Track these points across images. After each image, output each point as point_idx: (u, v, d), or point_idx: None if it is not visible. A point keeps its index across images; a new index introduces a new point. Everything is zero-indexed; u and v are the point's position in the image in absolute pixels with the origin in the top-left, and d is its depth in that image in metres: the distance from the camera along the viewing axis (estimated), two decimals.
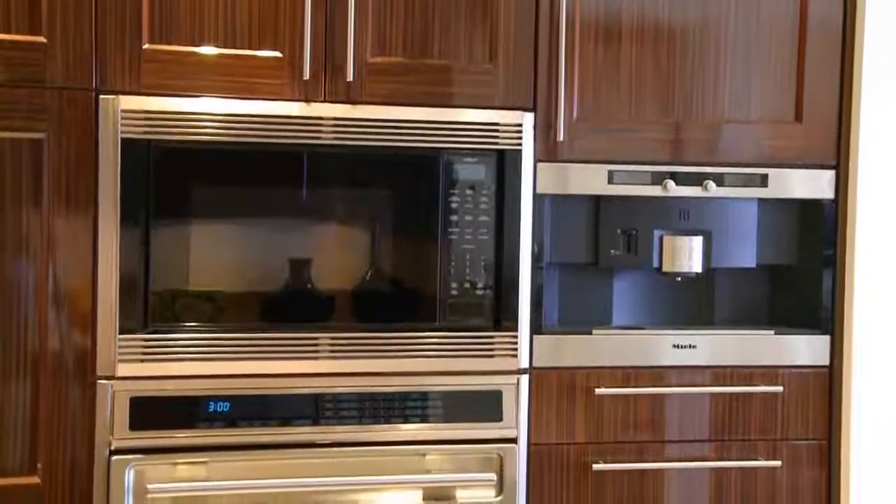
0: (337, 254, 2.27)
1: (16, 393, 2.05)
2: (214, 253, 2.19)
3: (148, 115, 2.08)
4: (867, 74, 2.38)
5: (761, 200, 2.45)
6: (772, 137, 2.39)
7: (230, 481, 2.12)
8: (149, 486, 2.06)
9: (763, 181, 2.38)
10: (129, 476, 2.07)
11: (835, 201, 2.42)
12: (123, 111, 2.07)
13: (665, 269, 2.40)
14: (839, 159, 2.41)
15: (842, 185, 2.41)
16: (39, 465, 2.05)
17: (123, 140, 2.07)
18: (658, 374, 2.35)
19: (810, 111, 2.39)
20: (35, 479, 2.05)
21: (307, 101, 2.16)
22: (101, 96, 2.07)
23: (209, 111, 2.11)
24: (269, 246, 2.21)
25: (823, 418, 2.43)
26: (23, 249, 2.05)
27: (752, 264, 2.47)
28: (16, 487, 2.04)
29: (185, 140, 2.10)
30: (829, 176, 2.42)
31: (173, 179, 2.13)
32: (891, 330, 2.42)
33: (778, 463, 2.39)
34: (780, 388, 2.39)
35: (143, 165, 2.08)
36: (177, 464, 2.10)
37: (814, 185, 2.41)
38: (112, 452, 2.07)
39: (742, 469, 2.39)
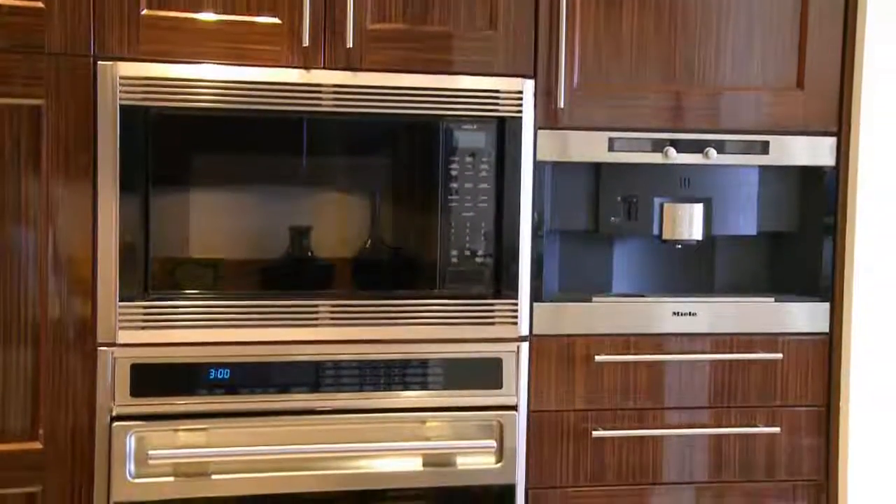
0: (337, 221, 2.27)
1: (17, 359, 2.06)
2: (214, 221, 2.18)
3: (146, 81, 2.07)
4: (870, 41, 2.36)
5: (762, 168, 2.44)
6: (773, 104, 2.38)
7: (230, 448, 2.12)
8: (150, 452, 2.07)
9: (764, 148, 2.37)
10: (130, 442, 2.08)
11: (836, 168, 2.42)
12: (122, 78, 2.06)
13: (665, 236, 2.40)
14: (840, 126, 2.40)
15: (843, 152, 2.41)
16: (41, 431, 2.06)
17: (122, 107, 2.06)
18: (658, 341, 2.36)
19: (812, 78, 2.38)
20: (37, 445, 2.06)
21: (306, 67, 2.15)
22: (100, 63, 2.06)
23: (208, 78, 2.10)
24: (269, 214, 2.21)
25: (822, 385, 2.44)
26: (22, 216, 2.05)
27: (753, 232, 2.47)
28: (18, 452, 2.05)
29: (183, 107, 2.09)
30: (830, 143, 2.41)
31: (172, 146, 2.12)
32: (890, 297, 2.42)
33: (777, 429, 2.40)
34: (779, 356, 2.39)
35: (142, 132, 2.08)
36: (177, 430, 2.11)
37: (815, 152, 2.41)
38: (113, 419, 2.08)
39: (741, 435, 2.40)
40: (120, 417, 2.09)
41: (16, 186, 2.04)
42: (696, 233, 2.40)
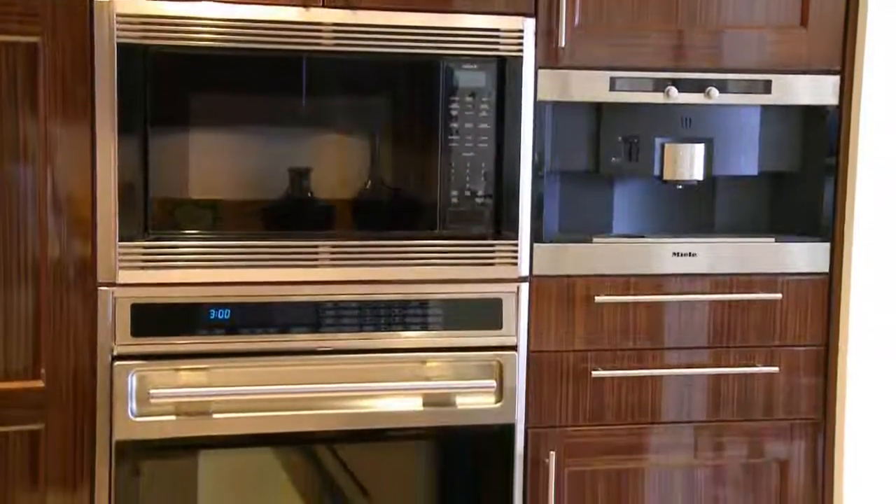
0: (336, 162, 2.26)
1: (17, 298, 2.06)
2: (214, 161, 2.17)
3: (144, 19, 2.05)
4: None
5: (764, 107, 2.43)
6: (776, 42, 2.36)
7: (231, 387, 2.14)
8: (151, 392, 2.08)
9: (766, 87, 2.36)
10: (132, 381, 2.09)
11: (838, 108, 2.40)
12: (119, 15, 2.03)
13: (666, 176, 2.39)
14: (844, 65, 2.39)
15: (846, 91, 2.39)
16: (43, 370, 2.07)
17: (119, 45, 2.04)
18: (658, 282, 2.36)
19: (816, 15, 2.36)
20: (39, 384, 2.07)
21: (306, 6, 2.12)
22: (96, 0, 2.04)
23: (206, 16, 2.08)
24: (269, 154, 2.20)
25: (821, 325, 2.44)
26: (20, 156, 2.04)
27: (754, 172, 2.46)
28: (20, 391, 2.06)
29: (182, 45, 2.07)
30: (833, 82, 2.39)
31: (171, 86, 2.11)
32: (891, 237, 2.42)
33: (775, 369, 2.42)
34: (778, 296, 2.40)
35: (140, 71, 2.06)
36: (178, 370, 2.12)
37: (817, 91, 2.39)
38: (114, 358, 2.09)
39: (740, 375, 2.41)
40: (121, 357, 2.09)
41: (14, 125, 2.03)
42: (697, 173, 2.39)
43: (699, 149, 2.39)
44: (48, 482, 2.07)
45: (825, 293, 2.44)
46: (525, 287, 2.28)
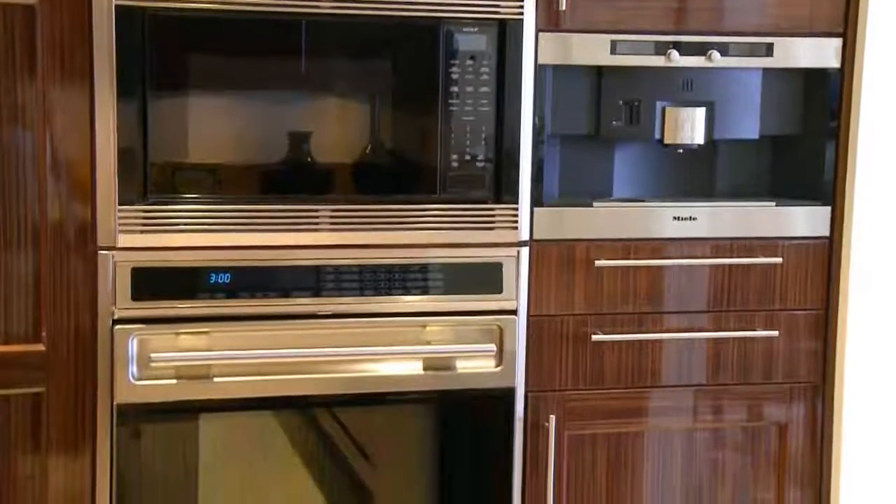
0: (337, 126, 2.25)
1: (17, 262, 2.06)
2: (213, 125, 2.16)
3: None
4: None
5: (765, 70, 2.42)
6: (778, 5, 2.34)
7: (231, 351, 2.14)
8: (152, 355, 2.08)
9: (768, 50, 2.35)
10: (133, 345, 2.09)
11: (840, 71, 2.39)
12: None
13: (667, 140, 2.39)
14: (846, 27, 2.37)
15: (848, 53, 2.38)
16: (44, 333, 2.07)
17: (117, 8, 2.02)
18: (658, 246, 2.36)
19: None
20: (40, 347, 2.07)
21: None
22: None
23: None
24: (269, 118, 2.19)
25: (821, 289, 2.45)
26: (19, 119, 2.03)
27: (755, 135, 2.45)
28: (21, 354, 2.07)
29: (181, 8, 2.06)
30: (835, 44, 2.38)
31: (170, 49, 2.09)
32: (892, 201, 2.42)
33: (775, 333, 2.42)
34: (779, 260, 2.40)
35: (139, 34, 2.05)
36: (179, 333, 2.12)
37: (819, 53, 2.38)
38: (115, 322, 2.09)
39: (740, 339, 2.41)
40: (122, 321, 2.09)
41: (12, 89, 2.02)
42: (698, 137, 2.38)
43: (700, 112, 2.38)
44: (50, 445, 2.08)
45: (825, 257, 2.44)
46: (525, 251, 2.28)
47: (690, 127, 2.38)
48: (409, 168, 2.27)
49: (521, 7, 2.20)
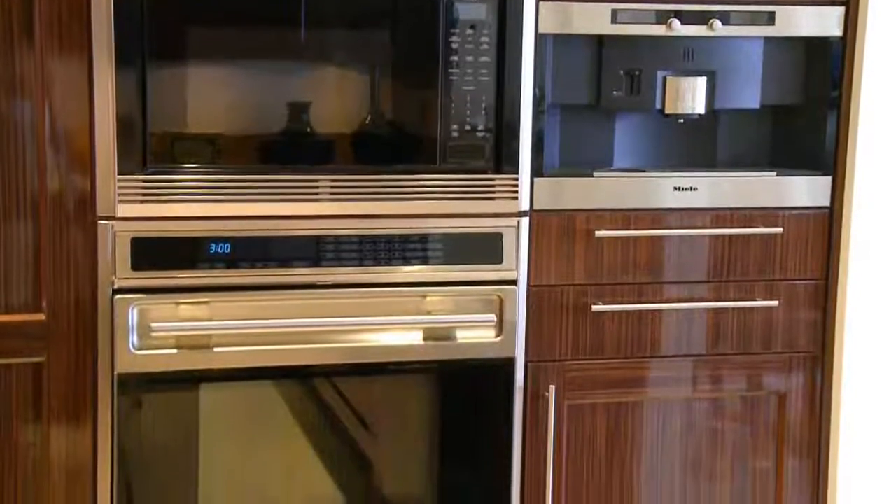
0: (336, 96, 2.24)
1: (17, 232, 2.06)
2: (213, 95, 2.16)
3: None
4: None
5: (767, 39, 2.40)
6: None
7: (232, 321, 2.14)
8: (152, 325, 2.09)
9: (770, 19, 2.33)
10: (133, 315, 2.10)
11: (843, 39, 2.38)
12: None
13: (668, 110, 2.37)
14: None
15: (850, 22, 2.36)
16: (44, 303, 2.08)
17: None
18: (658, 216, 2.35)
19: None
20: (41, 317, 2.08)
21: None
22: None
23: None
24: (268, 88, 2.18)
25: (821, 259, 2.44)
26: (18, 91, 2.02)
27: (756, 105, 2.44)
28: (22, 323, 2.07)
29: None
30: (837, 13, 2.36)
31: (169, 19, 2.08)
32: (893, 171, 2.41)
33: (775, 303, 2.42)
34: (779, 230, 2.39)
35: (137, 4, 2.03)
36: (179, 303, 2.12)
37: (821, 22, 2.36)
38: (115, 292, 2.09)
39: (739, 309, 2.41)
40: (122, 290, 2.09)
41: (10, 60, 2.01)
42: (699, 106, 2.37)
43: (701, 82, 2.37)
44: (51, 414, 2.09)
45: (826, 227, 2.43)
46: (525, 221, 2.28)
47: (691, 97, 2.37)
48: (409, 138, 2.27)
49: None
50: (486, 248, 2.26)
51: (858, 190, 2.39)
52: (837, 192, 2.42)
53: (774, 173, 2.42)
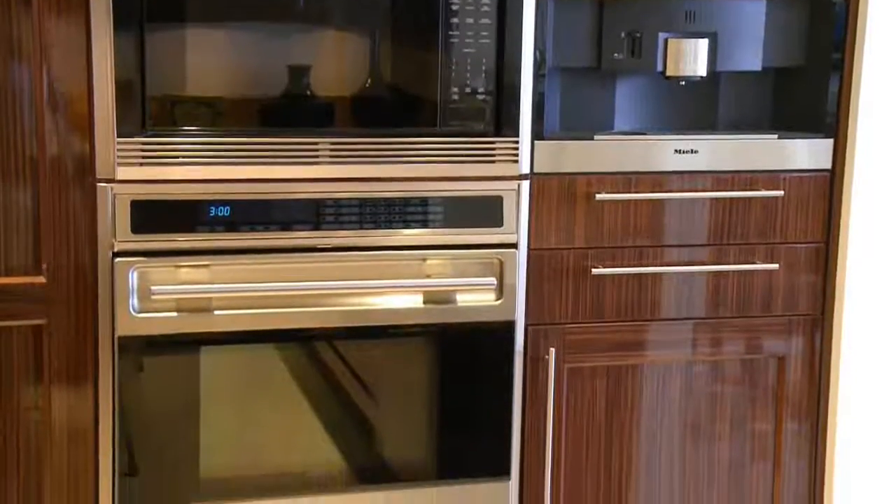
0: (336, 59, 2.23)
1: (17, 195, 2.06)
2: (212, 58, 2.15)
3: None
4: None
5: (769, 0, 2.39)
6: None
7: (232, 284, 2.14)
8: (152, 288, 2.08)
9: None
10: (133, 278, 2.10)
11: (846, 0, 2.36)
12: None
13: (669, 73, 2.36)
14: None
15: None
16: (44, 266, 2.08)
17: None
18: (659, 179, 2.35)
19: None
20: (41, 279, 2.08)
21: None
22: None
23: None
24: (268, 51, 2.17)
25: (822, 222, 2.44)
26: (15, 53, 2.01)
27: (758, 67, 2.43)
28: (22, 286, 2.07)
29: None
30: None
31: None
32: (894, 134, 2.40)
33: (775, 266, 2.42)
34: (780, 193, 2.39)
35: None
36: (179, 266, 2.12)
37: None
38: (115, 255, 2.09)
39: (740, 272, 2.41)
40: (122, 254, 2.09)
41: (8, 23, 2.00)
42: (700, 69, 2.36)
43: (703, 44, 2.36)
44: (53, 376, 2.09)
45: (827, 190, 2.43)
46: (526, 185, 2.27)
47: (693, 59, 2.35)
48: (409, 101, 2.26)
49: None
50: (487, 212, 2.26)
51: (860, 153, 2.39)
52: (839, 154, 2.42)
53: (776, 136, 2.41)
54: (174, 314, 2.12)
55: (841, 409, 2.48)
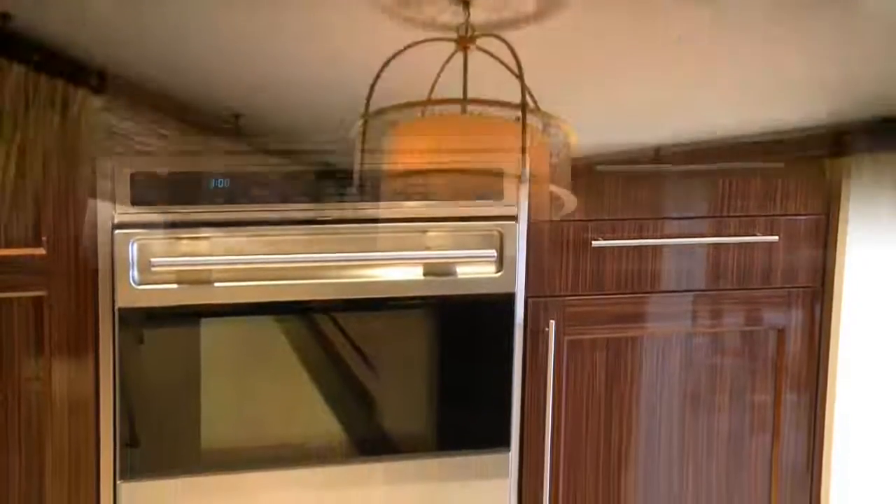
0: None
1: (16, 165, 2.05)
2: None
3: None
4: None
5: None
6: None
7: (232, 256, 2.14)
8: (152, 260, 2.08)
9: None
10: (133, 250, 2.10)
11: None
12: None
13: None
14: None
15: None
16: (44, 238, 2.07)
17: None
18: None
19: None
20: (41, 251, 2.08)
21: None
22: None
23: None
24: None
25: (822, 193, 2.44)
26: None
27: None
28: (23, 257, 2.07)
29: None
30: None
31: None
32: None
33: (775, 238, 2.42)
34: (781, 165, 2.39)
35: None
36: (179, 238, 2.12)
37: None
38: (115, 227, 2.09)
39: (740, 245, 2.41)
40: (122, 226, 2.09)
41: None
42: None
43: None
44: (53, 348, 2.10)
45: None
46: (527, 158, 2.26)
47: None
48: None
49: None
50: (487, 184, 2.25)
51: None
52: None
53: None
54: (174, 286, 2.12)
55: (840, 380, 2.48)
